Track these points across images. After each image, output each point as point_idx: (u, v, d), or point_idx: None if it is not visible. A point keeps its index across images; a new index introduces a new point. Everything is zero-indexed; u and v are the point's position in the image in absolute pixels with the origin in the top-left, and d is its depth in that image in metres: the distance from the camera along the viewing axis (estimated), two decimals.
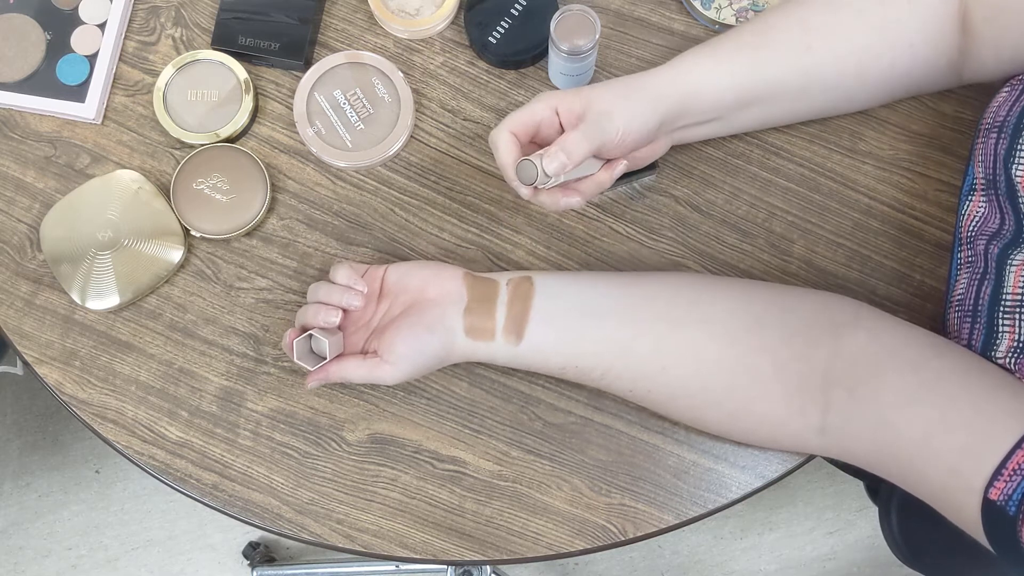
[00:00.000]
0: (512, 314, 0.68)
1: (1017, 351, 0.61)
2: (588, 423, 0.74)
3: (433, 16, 0.79)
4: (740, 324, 0.65)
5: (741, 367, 0.64)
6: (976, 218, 0.67)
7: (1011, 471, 0.53)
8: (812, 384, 0.63)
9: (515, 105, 0.79)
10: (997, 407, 0.56)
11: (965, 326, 0.66)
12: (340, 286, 0.70)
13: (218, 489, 0.74)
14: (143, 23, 0.81)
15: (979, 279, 0.66)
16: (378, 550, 0.74)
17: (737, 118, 0.71)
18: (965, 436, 0.56)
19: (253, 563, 1.44)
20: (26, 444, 1.52)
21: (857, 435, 0.61)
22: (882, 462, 0.61)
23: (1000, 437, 0.54)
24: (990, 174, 0.65)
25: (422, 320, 0.68)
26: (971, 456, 0.55)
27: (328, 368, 0.69)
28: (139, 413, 0.75)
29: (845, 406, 0.61)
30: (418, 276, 0.70)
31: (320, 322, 0.68)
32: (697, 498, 0.73)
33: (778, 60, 0.67)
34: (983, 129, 0.67)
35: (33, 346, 0.76)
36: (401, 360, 0.67)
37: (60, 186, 0.79)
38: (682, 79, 0.67)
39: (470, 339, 0.68)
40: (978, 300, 0.65)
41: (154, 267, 0.76)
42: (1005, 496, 0.53)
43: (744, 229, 0.77)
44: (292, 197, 0.78)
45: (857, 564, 1.48)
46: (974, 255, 0.67)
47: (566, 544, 0.73)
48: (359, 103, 0.78)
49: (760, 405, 0.65)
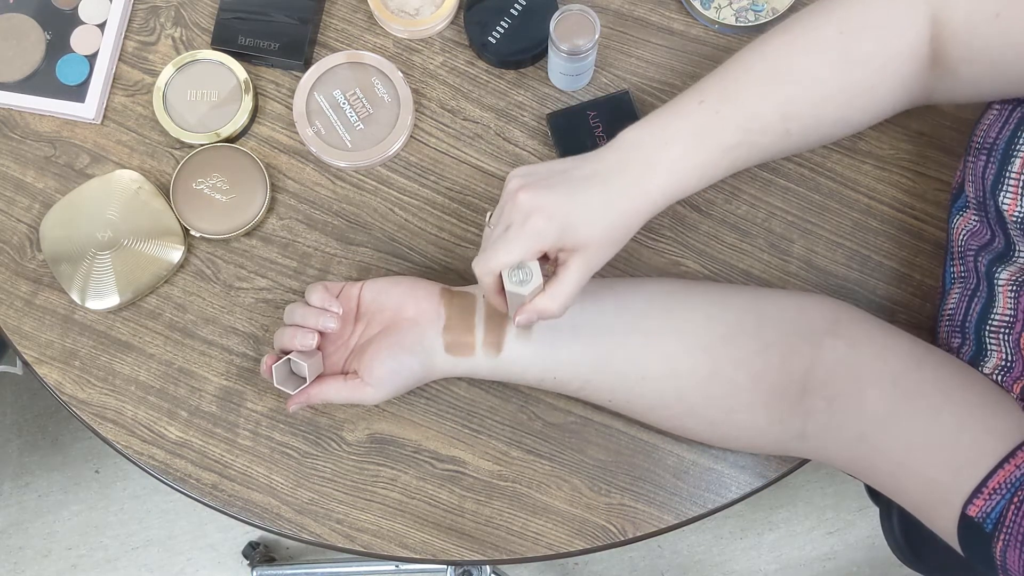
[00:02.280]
0: (491, 327, 0.68)
1: (1004, 370, 0.61)
2: (588, 423, 0.74)
3: (433, 16, 0.79)
4: (715, 334, 0.65)
5: (717, 378, 0.64)
6: (965, 232, 0.67)
7: (991, 490, 0.53)
8: (790, 393, 0.62)
9: (515, 105, 0.79)
10: (979, 423, 0.56)
11: (955, 340, 0.66)
12: (315, 308, 0.69)
13: (218, 489, 0.74)
14: (143, 23, 0.81)
15: (970, 295, 0.66)
16: (378, 550, 0.74)
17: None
18: (946, 454, 0.56)
19: (253, 563, 1.44)
20: (26, 444, 1.52)
21: (836, 445, 0.62)
22: (861, 471, 0.62)
23: (981, 456, 0.54)
24: (980, 196, 0.65)
25: (401, 342, 0.67)
26: (951, 474, 0.55)
27: (309, 391, 0.68)
28: (139, 413, 0.75)
29: (824, 416, 0.61)
30: (394, 294, 0.69)
31: (297, 345, 0.67)
32: (697, 498, 0.73)
33: (763, 150, 0.64)
34: (973, 148, 0.66)
35: (33, 346, 0.76)
36: (381, 382, 0.67)
37: (60, 186, 0.79)
38: (675, 188, 0.61)
39: (450, 356, 0.68)
40: (967, 316, 0.65)
41: (154, 267, 0.76)
42: (983, 514, 0.53)
43: (743, 229, 0.77)
44: (292, 197, 0.78)
45: (857, 564, 1.48)
46: (966, 270, 0.67)
47: (566, 544, 0.73)
48: (359, 103, 0.78)
49: (738, 415, 0.65)
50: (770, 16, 0.78)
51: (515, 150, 0.79)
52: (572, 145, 0.76)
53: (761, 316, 0.65)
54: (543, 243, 0.59)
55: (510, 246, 0.59)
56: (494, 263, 0.59)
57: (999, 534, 0.52)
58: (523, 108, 0.79)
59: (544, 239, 0.59)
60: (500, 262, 0.59)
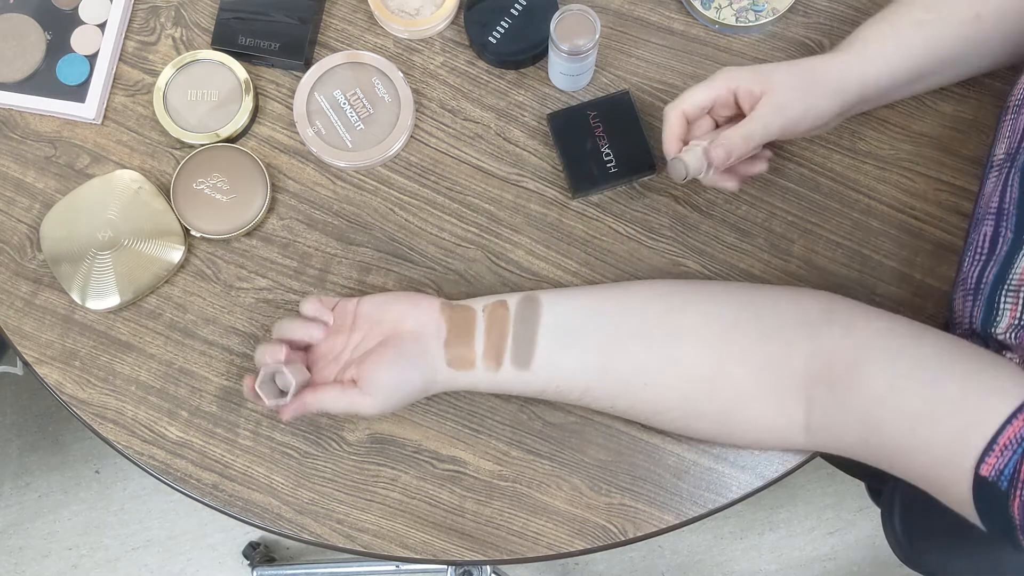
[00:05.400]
0: (491, 341, 0.68)
1: (1018, 327, 0.61)
2: (588, 422, 0.74)
3: (433, 16, 0.79)
4: (713, 332, 0.65)
5: (719, 376, 0.64)
6: (991, 196, 0.67)
7: (1002, 446, 0.53)
8: (792, 385, 0.63)
9: (515, 105, 0.79)
10: (982, 386, 0.56)
11: (967, 304, 0.66)
12: (302, 319, 0.69)
13: (218, 489, 0.74)
14: (143, 23, 0.81)
15: (985, 257, 0.65)
16: (378, 550, 0.74)
17: (901, 92, 0.72)
18: (952, 419, 0.56)
19: (253, 563, 1.44)
20: (26, 444, 1.52)
21: (842, 430, 0.61)
22: (870, 453, 0.61)
23: (988, 415, 0.54)
24: (1013, 148, 0.65)
25: (404, 354, 0.67)
26: (960, 437, 0.55)
27: (304, 398, 0.67)
28: (139, 413, 0.75)
29: (827, 403, 0.61)
30: (394, 308, 0.69)
31: (268, 359, 0.67)
32: (697, 498, 0.73)
33: (950, 35, 0.68)
34: (1012, 106, 0.67)
35: (33, 346, 0.76)
36: (381, 392, 0.66)
37: (60, 186, 0.79)
38: (863, 68, 0.67)
39: (452, 369, 0.68)
40: (981, 278, 0.65)
41: (154, 267, 0.76)
42: (996, 472, 0.53)
43: (744, 229, 0.77)
44: (292, 197, 0.78)
45: (857, 564, 1.48)
46: (992, 231, 0.67)
47: (566, 544, 0.73)
48: (359, 103, 0.78)
49: (742, 411, 0.65)
50: (770, 16, 0.78)
51: (515, 150, 0.79)
52: (572, 145, 0.76)
53: (757, 311, 0.66)
54: (733, 82, 0.66)
55: (703, 84, 0.67)
56: (687, 101, 0.67)
57: (1015, 490, 0.52)
58: (523, 108, 0.79)
59: (733, 79, 0.66)
60: (691, 101, 0.67)
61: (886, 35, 0.68)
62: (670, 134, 0.68)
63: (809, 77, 0.67)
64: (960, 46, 0.69)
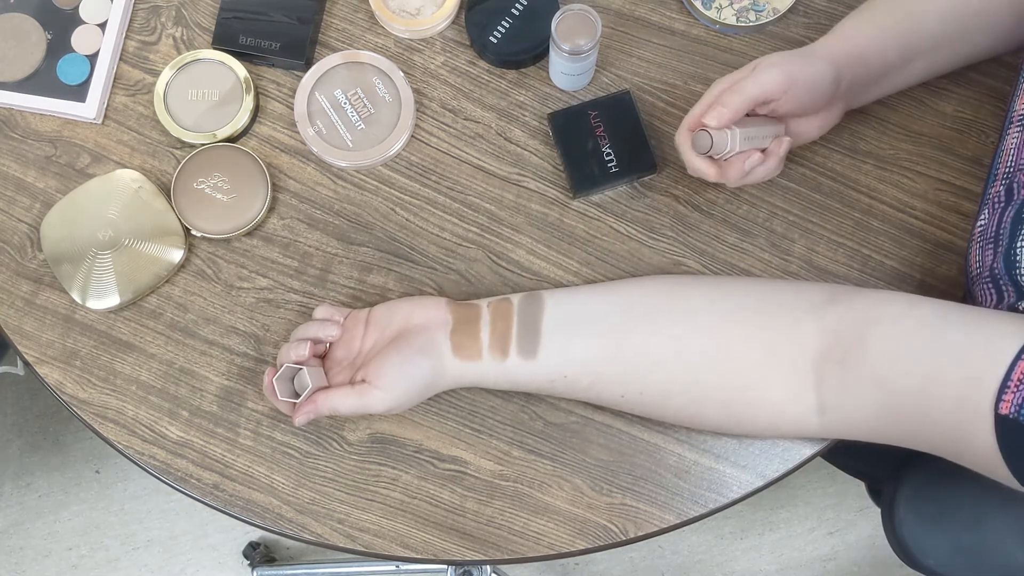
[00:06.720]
0: (496, 332, 0.69)
1: None
2: (589, 422, 0.74)
3: (434, 16, 0.79)
4: (720, 315, 0.66)
5: (728, 356, 0.65)
6: (1012, 151, 0.67)
7: (1016, 382, 0.53)
8: (802, 365, 0.63)
9: (516, 105, 0.79)
10: (986, 331, 0.56)
11: (988, 254, 0.66)
12: (317, 320, 0.72)
13: (219, 489, 0.74)
14: (144, 23, 0.81)
15: (1002, 207, 0.65)
16: (379, 550, 0.74)
17: (903, 74, 0.72)
18: (962, 366, 0.56)
19: (253, 563, 1.44)
20: (26, 444, 1.52)
21: (856, 406, 0.61)
22: (886, 426, 0.61)
23: (997, 356, 0.54)
24: None
25: (411, 344, 0.68)
26: (973, 382, 0.55)
27: (316, 400, 0.68)
28: (139, 413, 0.75)
29: (838, 378, 0.62)
30: (403, 308, 0.71)
31: (292, 357, 0.69)
32: (698, 498, 0.73)
33: (933, 9, 0.69)
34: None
35: (33, 346, 0.76)
36: (391, 384, 0.67)
37: (60, 186, 0.79)
38: (845, 44, 0.69)
39: (458, 359, 0.69)
40: (1000, 224, 0.65)
41: (154, 267, 0.76)
42: (1016, 407, 0.53)
43: (745, 228, 0.77)
44: (293, 197, 0.78)
45: (857, 564, 1.48)
46: (1008, 188, 0.67)
47: (567, 544, 0.73)
48: (360, 103, 0.78)
49: (753, 392, 0.65)
50: (771, 16, 0.78)
51: (516, 150, 0.79)
52: (573, 145, 0.76)
53: (761, 297, 0.67)
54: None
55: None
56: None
57: None
58: (524, 108, 0.79)
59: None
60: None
61: (865, 16, 0.70)
62: (696, 113, 0.69)
63: (794, 52, 0.69)
64: (951, 22, 0.69)
